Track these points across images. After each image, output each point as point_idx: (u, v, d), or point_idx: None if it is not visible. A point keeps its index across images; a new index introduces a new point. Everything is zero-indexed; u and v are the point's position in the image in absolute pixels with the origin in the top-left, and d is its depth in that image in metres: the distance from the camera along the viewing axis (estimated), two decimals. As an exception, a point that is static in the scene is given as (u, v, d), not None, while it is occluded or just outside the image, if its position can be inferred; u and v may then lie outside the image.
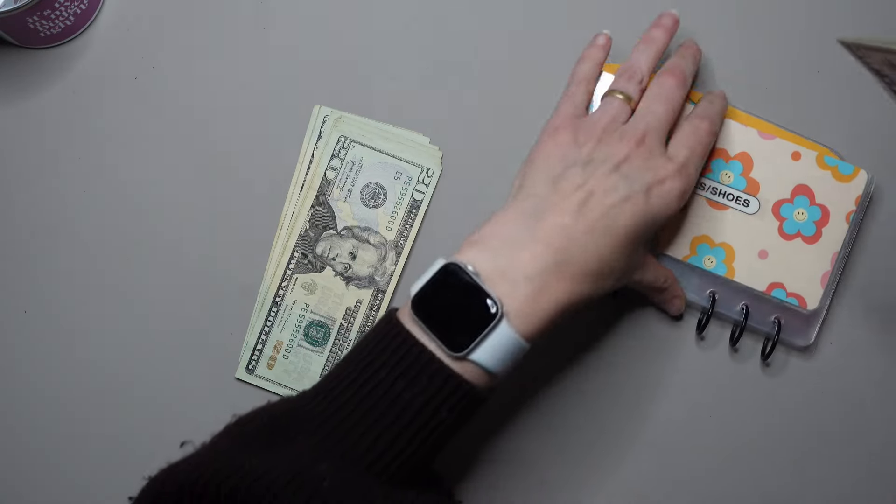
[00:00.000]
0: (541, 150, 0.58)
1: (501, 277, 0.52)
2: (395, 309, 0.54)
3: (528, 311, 0.52)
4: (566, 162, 0.57)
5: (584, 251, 0.54)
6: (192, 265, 0.67)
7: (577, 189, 0.55)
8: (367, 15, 0.68)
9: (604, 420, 0.66)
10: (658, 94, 0.60)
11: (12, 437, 0.67)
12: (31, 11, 0.63)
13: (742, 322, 0.63)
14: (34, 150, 0.68)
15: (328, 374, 0.54)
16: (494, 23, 0.67)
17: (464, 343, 0.51)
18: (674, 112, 0.60)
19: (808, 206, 0.63)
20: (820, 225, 0.63)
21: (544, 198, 0.55)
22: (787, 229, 0.63)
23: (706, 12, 0.67)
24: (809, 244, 0.63)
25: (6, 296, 0.67)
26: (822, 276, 0.63)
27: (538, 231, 0.54)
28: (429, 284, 0.53)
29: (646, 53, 0.62)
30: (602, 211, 0.54)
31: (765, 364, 0.65)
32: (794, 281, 0.63)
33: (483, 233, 0.54)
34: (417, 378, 0.51)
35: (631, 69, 0.61)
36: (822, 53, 0.66)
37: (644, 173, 0.56)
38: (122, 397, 0.67)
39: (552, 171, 0.56)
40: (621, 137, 0.57)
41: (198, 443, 0.54)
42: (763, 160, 0.63)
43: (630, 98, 0.60)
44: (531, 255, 0.53)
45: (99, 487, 0.66)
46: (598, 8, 0.67)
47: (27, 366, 0.67)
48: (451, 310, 0.52)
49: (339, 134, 0.67)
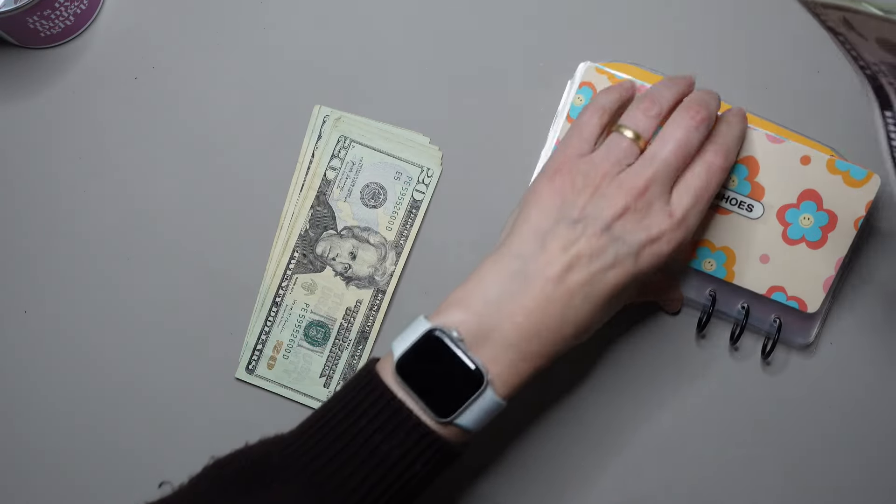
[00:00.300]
0: (536, 196, 0.55)
1: (485, 342, 0.53)
2: (376, 360, 0.55)
3: (509, 375, 0.53)
4: (558, 215, 0.54)
5: (563, 318, 0.53)
6: (192, 265, 0.67)
7: (564, 250, 0.53)
8: (367, 15, 0.68)
9: (603, 419, 0.66)
10: (673, 135, 0.55)
11: (12, 437, 0.67)
12: (31, 11, 0.63)
13: (742, 321, 0.63)
14: (34, 150, 0.68)
15: (307, 420, 0.54)
16: (495, 23, 0.67)
17: (448, 410, 0.52)
18: (686, 158, 0.56)
19: (815, 212, 0.61)
20: (826, 230, 0.61)
21: (529, 258, 0.53)
22: (792, 234, 0.62)
23: (705, 12, 0.67)
24: (814, 249, 0.62)
25: (6, 296, 0.67)
26: (826, 281, 0.62)
27: (521, 296, 0.53)
28: (413, 350, 0.53)
29: (671, 89, 0.58)
30: (586, 277, 0.53)
31: (765, 363, 0.65)
32: (795, 285, 0.62)
33: (467, 291, 0.54)
34: (395, 432, 0.52)
35: (651, 99, 0.57)
36: (822, 53, 0.66)
37: (638, 233, 0.54)
38: (122, 397, 0.67)
39: (542, 225, 0.54)
40: (620, 187, 0.54)
41: (176, 483, 0.54)
42: (770, 164, 0.61)
43: (640, 137, 0.56)
44: (513, 324, 0.53)
45: (99, 487, 0.66)
46: (598, 8, 0.67)
47: (27, 366, 0.67)
48: (436, 376, 0.52)
49: (339, 134, 0.67)
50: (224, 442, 0.66)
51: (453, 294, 0.54)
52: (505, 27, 0.67)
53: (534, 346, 0.53)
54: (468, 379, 0.52)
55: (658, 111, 0.56)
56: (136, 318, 0.67)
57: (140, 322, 0.67)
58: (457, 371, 0.52)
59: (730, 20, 0.67)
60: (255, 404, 0.66)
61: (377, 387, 0.53)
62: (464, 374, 0.52)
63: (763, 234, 0.62)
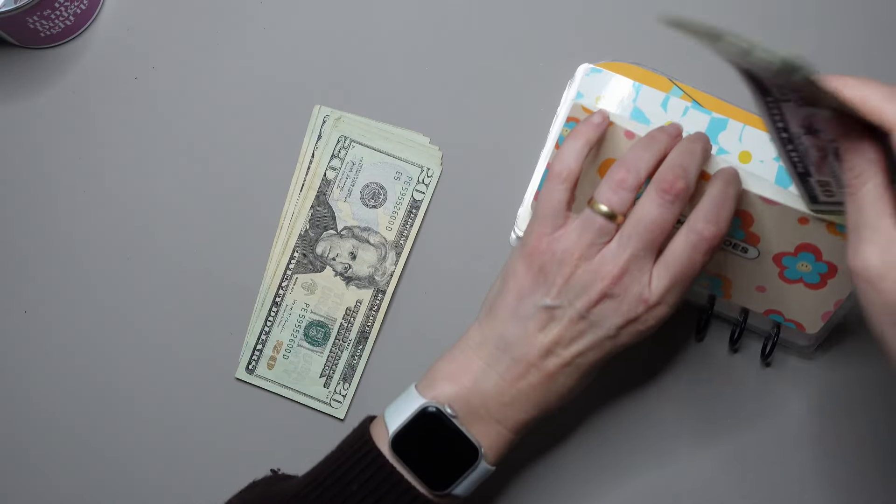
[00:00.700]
0: (513, 277, 0.55)
1: (475, 418, 0.55)
2: (371, 419, 0.57)
3: (498, 445, 0.56)
4: (535, 300, 0.54)
5: (546, 394, 0.55)
6: (192, 265, 0.67)
7: (543, 335, 0.54)
8: (368, 15, 0.68)
9: (602, 420, 0.66)
10: (648, 214, 0.52)
11: (12, 436, 0.67)
12: (31, 11, 0.63)
13: (741, 323, 0.63)
14: (34, 150, 0.68)
15: (304, 481, 0.56)
16: (495, 22, 0.67)
17: (444, 483, 0.54)
18: (664, 234, 0.53)
19: (815, 262, 0.58)
20: (826, 277, 0.58)
21: (511, 340, 0.55)
22: (789, 275, 0.59)
23: (706, 13, 0.67)
24: (813, 290, 0.59)
25: (6, 296, 0.67)
26: (825, 314, 0.60)
27: (506, 374, 0.55)
28: (409, 424, 0.54)
29: (647, 153, 0.54)
30: (565, 359, 0.54)
31: (764, 364, 0.65)
32: (793, 312, 0.60)
33: (456, 366, 0.56)
34: (386, 497, 0.54)
35: (622, 172, 0.53)
36: (823, 53, 0.66)
37: (615, 317, 0.53)
38: (122, 397, 0.67)
39: (520, 308, 0.54)
40: (597, 273, 0.52)
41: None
42: (765, 220, 0.57)
43: (615, 215, 0.52)
44: (500, 403, 0.55)
45: (99, 487, 0.66)
46: (598, 8, 0.67)
47: (27, 366, 0.67)
48: (431, 450, 0.54)
49: (339, 134, 0.67)
50: (224, 442, 0.66)
51: (441, 366, 0.56)
52: (505, 27, 0.67)
53: (521, 418, 0.55)
54: (463, 453, 0.54)
55: (635, 180, 0.53)
56: (136, 317, 0.67)
57: (140, 322, 0.67)
58: (452, 445, 0.54)
59: (730, 20, 0.67)
60: (255, 404, 0.66)
61: (374, 457, 0.55)
62: (459, 449, 0.54)
63: (759, 271, 0.60)
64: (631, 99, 0.64)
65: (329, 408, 0.66)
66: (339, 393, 0.66)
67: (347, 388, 0.66)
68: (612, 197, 0.52)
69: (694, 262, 0.53)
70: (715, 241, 0.53)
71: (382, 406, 0.56)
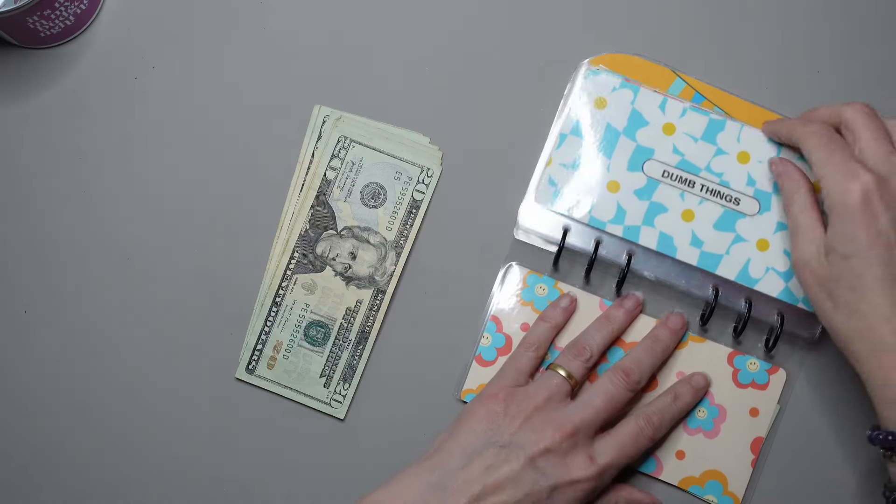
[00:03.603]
0: (469, 416, 0.60)
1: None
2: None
3: None
4: (487, 438, 0.58)
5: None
6: (192, 265, 0.67)
7: (487, 472, 0.57)
8: (367, 15, 0.68)
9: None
10: (605, 389, 0.60)
11: (12, 436, 0.67)
12: (31, 11, 0.63)
13: (745, 314, 0.63)
14: (34, 150, 0.68)
15: None
16: (495, 23, 0.67)
17: None
18: (614, 412, 0.60)
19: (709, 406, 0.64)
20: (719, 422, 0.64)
21: (450, 473, 0.57)
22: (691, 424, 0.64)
23: (705, 13, 0.67)
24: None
25: (6, 296, 0.67)
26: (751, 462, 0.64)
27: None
28: None
29: (601, 332, 0.63)
30: (503, 501, 0.56)
31: (768, 356, 0.65)
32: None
33: (389, 495, 0.57)
34: None
35: (580, 346, 0.62)
36: (822, 53, 0.66)
37: (558, 469, 0.58)
38: (122, 397, 0.67)
39: (471, 443, 0.58)
40: (551, 422, 0.58)
41: None
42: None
43: (572, 377, 0.61)
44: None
45: (99, 486, 0.66)
46: (598, 8, 0.67)
47: (27, 366, 0.67)
48: None
49: (339, 134, 0.67)
50: (224, 442, 0.66)
51: (374, 496, 0.57)
52: (505, 27, 0.67)
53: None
54: None
55: (588, 356, 0.62)
56: (136, 317, 0.67)
57: (140, 322, 0.67)
58: None
59: (730, 20, 0.67)
60: (255, 404, 0.66)
61: None
62: None
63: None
64: (629, 101, 0.64)
65: (329, 408, 0.66)
66: (339, 393, 0.66)
67: (347, 388, 0.66)
68: (571, 362, 0.61)
69: (637, 446, 0.60)
70: (655, 436, 0.61)
71: (382, 406, 0.56)
